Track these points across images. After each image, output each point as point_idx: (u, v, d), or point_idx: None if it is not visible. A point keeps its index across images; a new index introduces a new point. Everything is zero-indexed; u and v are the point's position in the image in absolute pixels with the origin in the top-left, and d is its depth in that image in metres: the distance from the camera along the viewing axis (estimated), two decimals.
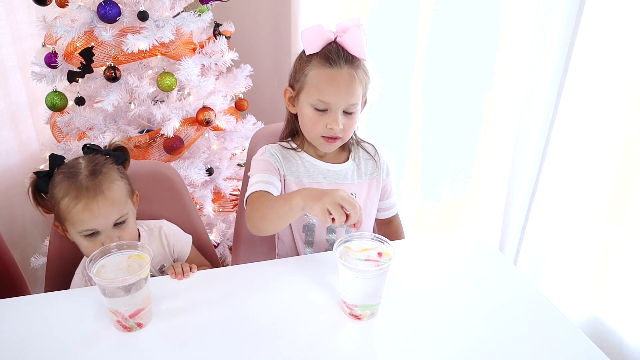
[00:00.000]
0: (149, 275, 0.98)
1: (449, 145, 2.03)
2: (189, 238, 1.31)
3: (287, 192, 1.31)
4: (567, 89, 1.71)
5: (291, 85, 1.29)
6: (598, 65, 1.62)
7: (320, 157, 1.34)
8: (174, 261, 1.30)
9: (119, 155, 1.22)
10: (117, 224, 1.15)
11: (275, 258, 1.44)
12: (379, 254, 1.03)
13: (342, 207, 0.97)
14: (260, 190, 1.20)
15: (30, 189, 1.15)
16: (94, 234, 1.13)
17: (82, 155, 1.20)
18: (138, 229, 1.26)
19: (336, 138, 1.25)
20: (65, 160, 1.17)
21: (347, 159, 1.36)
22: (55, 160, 1.16)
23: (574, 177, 1.77)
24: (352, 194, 1.34)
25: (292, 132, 1.37)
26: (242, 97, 2.00)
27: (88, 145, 1.20)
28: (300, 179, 1.31)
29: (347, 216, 0.98)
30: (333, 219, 0.97)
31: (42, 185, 1.14)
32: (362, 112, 1.31)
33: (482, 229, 2.05)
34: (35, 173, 1.14)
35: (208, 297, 1.09)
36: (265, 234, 1.20)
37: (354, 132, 1.35)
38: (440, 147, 2.05)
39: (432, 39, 1.87)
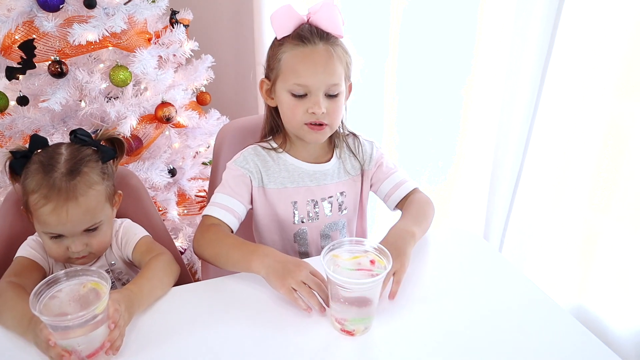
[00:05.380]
0: (108, 306, 0.84)
1: (427, 132, 1.96)
2: (139, 232, 1.18)
3: (266, 201, 1.23)
4: (550, 74, 1.70)
5: (267, 76, 1.19)
6: (582, 51, 1.61)
7: (304, 157, 1.24)
8: (124, 260, 1.17)
9: (107, 150, 1.09)
10: (87, 230, 1.05)
11: None
12: (372, 262, 0.93)
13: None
14: (217, 218, 1.16)
15: (6, 167, 1.06)
16: (59, 236, 1.03)
17: (68, 142, 1.08)
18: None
19: (322, 125, 1.14)
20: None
21: (332, 156, 1.27)
22: (36, 142, 1.05)
23: (558, 164, 1.77)
24: (342, 192, 1.26)
25: (273, 128, 1.27)
26: (204, 91, 1.90)
27: (77, 134, 1.08)
28: (285, 185, 1.23)
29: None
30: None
31: (17, 167, 1.04)
32: (348, 98, 1.21)
33: (464, 219, 2.02)
34: (11, 152, 1.04)
35: (186, 317, 0.98)
36: None
37: (342, 124, 1.25)
38: (417, 135, 1.99)
39: (407, 19, 1.80)
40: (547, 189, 1.82)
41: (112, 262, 1.15)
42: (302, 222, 1.25)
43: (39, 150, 1.05)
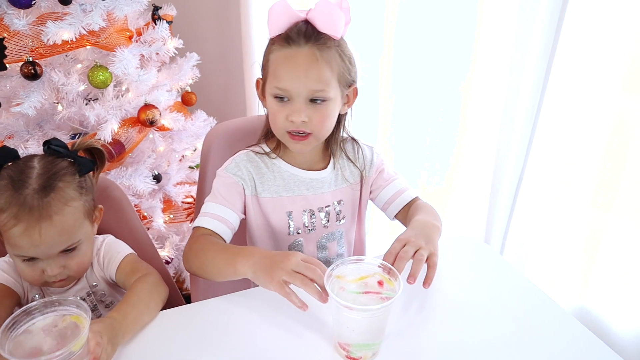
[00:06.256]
0: (88, 340, 0.76)
1: (424, 132, 1.93)
2: (122, 250, 1.10)
3: (259, 210, 1.16)
4: (554, 71, 1.67)
5: (263, 77, 1.13)
6: (587, 47, 1.57)
7: (299, 164, 1.16)
8: (107, 280, 1.09)
9: (85, 162, 1.00)
10: (64, 251, 0.96)
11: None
12: (380, 283, 0.86)
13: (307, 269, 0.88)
14: (208, 229, 1.08)
15: None
16: (33, 259, 0.94)
17: (41, 153, 0.98)
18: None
19: (305, 135, 1.06)
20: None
21: (329, 162, 1.20)
22: (6, 155, 0.95)
23: (562, 163, 1.75)
24: (339, 201, 1.20)
25: (269, 131, 1.18)
26: (190, 90, 1.87)
27: (51, 144, 0.98)
28: (279, 194, 1.15)
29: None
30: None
31: None
32: (352, 104, 1.14)
33: (464, 221, 1.98)
34: None
35: (175, 345, 0.90)
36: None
37: (345, 133, 1.19)
38: (414, 135, 1.95)
39: (403, 12, 1.75)
40: (550, 189, 1.81)
41: (94, 284, 1.07)
42: (298, 233, 1.18)
43: (8, 164, 0.95)
